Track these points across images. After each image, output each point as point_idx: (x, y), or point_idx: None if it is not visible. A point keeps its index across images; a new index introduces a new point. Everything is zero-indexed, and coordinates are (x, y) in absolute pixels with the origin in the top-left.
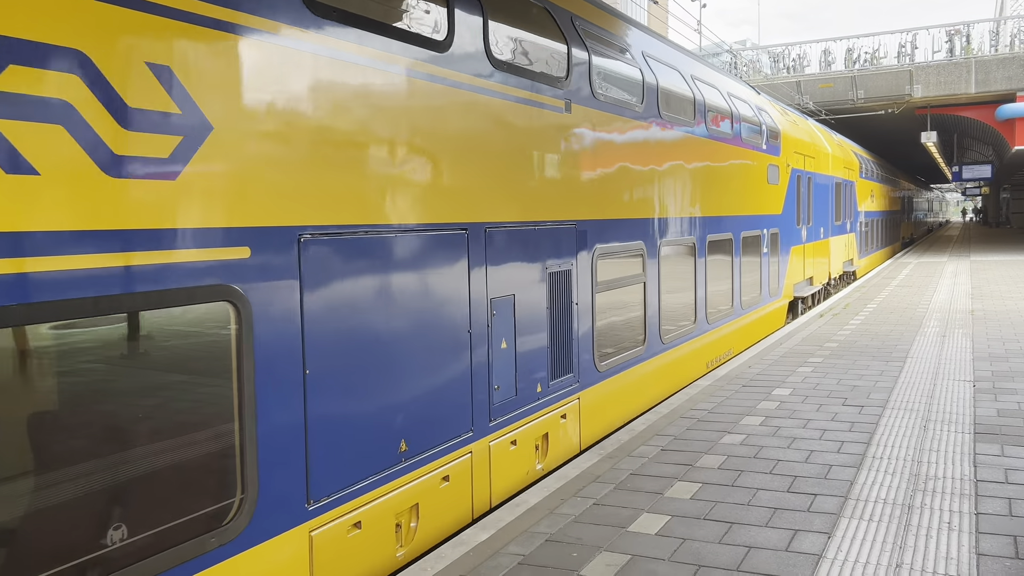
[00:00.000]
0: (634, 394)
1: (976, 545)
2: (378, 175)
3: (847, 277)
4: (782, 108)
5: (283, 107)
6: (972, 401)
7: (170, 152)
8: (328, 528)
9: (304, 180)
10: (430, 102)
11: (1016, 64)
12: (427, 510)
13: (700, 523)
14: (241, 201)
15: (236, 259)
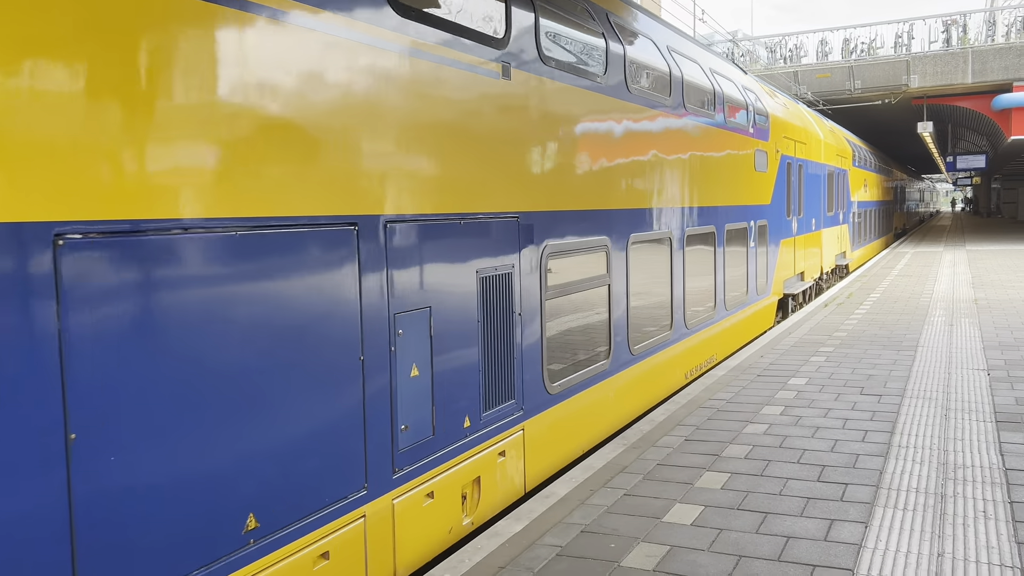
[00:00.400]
0: (597, 417)
1: (1015, 533)
2: (208, 153)
3: (839, 271)
4: (772, 90)
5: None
6: (989, 390)
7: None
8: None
9: (56, 160)
10: (286, 53)
11: (1013, 54)
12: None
13: (735, 513)
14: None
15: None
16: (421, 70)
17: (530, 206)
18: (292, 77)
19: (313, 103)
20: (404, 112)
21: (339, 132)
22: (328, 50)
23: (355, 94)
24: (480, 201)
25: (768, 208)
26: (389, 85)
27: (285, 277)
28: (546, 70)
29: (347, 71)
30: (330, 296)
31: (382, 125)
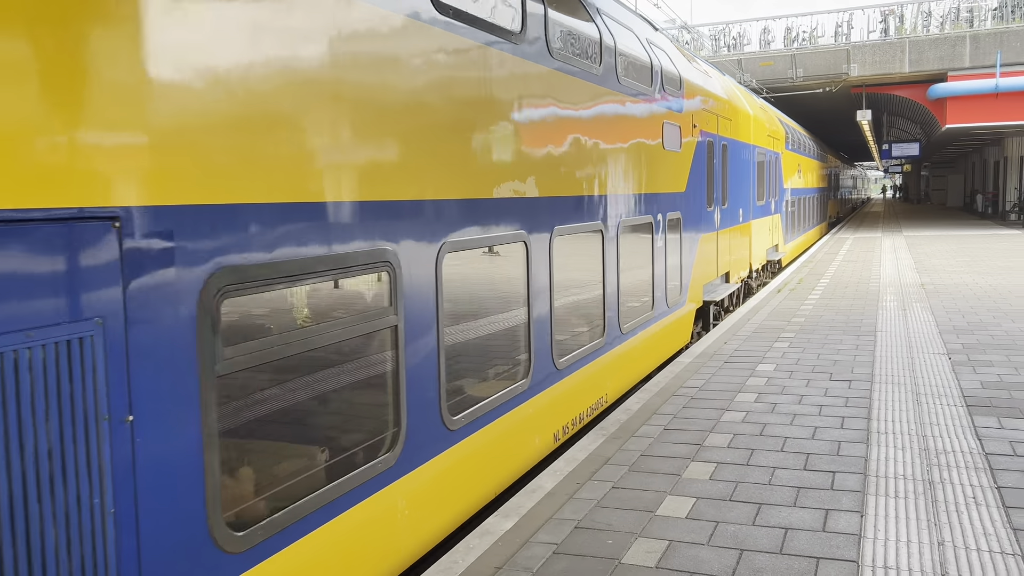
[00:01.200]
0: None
1: (1008, 520)
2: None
3: (771, 267)
4: (690, 54)
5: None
6: (954, 374)
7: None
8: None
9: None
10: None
11: (947, 44)
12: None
13: (728, 505)
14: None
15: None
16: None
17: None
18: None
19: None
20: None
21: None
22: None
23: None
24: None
25: (683, 197)
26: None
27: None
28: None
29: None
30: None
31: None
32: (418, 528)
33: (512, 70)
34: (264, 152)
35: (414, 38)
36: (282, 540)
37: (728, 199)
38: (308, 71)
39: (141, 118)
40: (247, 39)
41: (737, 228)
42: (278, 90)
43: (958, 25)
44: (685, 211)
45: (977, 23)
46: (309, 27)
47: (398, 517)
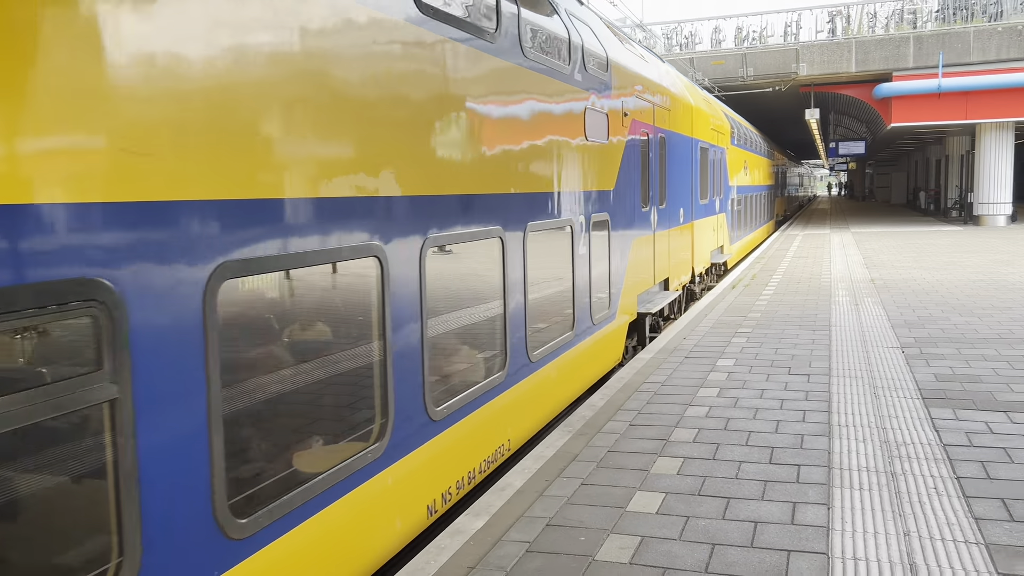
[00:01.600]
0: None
1: (970, 509)
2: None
3: (716, 270)
4: (623, 35)
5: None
6: (908, 367)
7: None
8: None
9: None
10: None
11: (892, 45)
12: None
13: (697, 499)
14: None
15: None
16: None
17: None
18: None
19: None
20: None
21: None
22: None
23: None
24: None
25: (612, 196)
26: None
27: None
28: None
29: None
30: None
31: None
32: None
33: (419, 55)
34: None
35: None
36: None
37: (667, 198)
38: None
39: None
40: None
41: (677, 229)
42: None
43: (902, 26)
44: (614, 212)
45: (920, 25)
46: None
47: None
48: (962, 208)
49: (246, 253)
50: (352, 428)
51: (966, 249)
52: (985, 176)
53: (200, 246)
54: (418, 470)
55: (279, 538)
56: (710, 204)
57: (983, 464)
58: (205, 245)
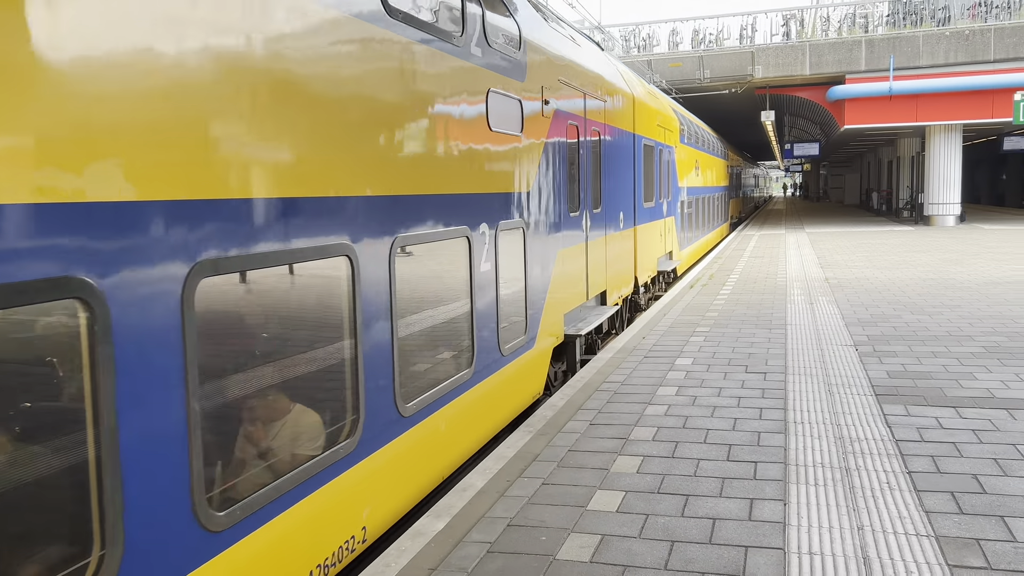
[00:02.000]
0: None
1: (921, 503)
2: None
3: (665, 278)
4: (552, 14)
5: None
6: (861, 365)
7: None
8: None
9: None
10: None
11: (845, 48)
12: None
13: (656, 497)
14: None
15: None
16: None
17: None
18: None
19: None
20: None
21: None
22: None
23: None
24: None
25: (528, 199)
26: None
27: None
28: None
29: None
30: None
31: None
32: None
33: (263, 21)
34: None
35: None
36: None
37: (603, 200)
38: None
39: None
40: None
41: (617, 236)
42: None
43: (854, 30)
44: (533, 218)
45: (871, 29)
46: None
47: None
48: (913, 208)
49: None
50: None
51: (917, 249)
52: (935, 177)
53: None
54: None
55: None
56: (656, 207)
57: (933, 458)
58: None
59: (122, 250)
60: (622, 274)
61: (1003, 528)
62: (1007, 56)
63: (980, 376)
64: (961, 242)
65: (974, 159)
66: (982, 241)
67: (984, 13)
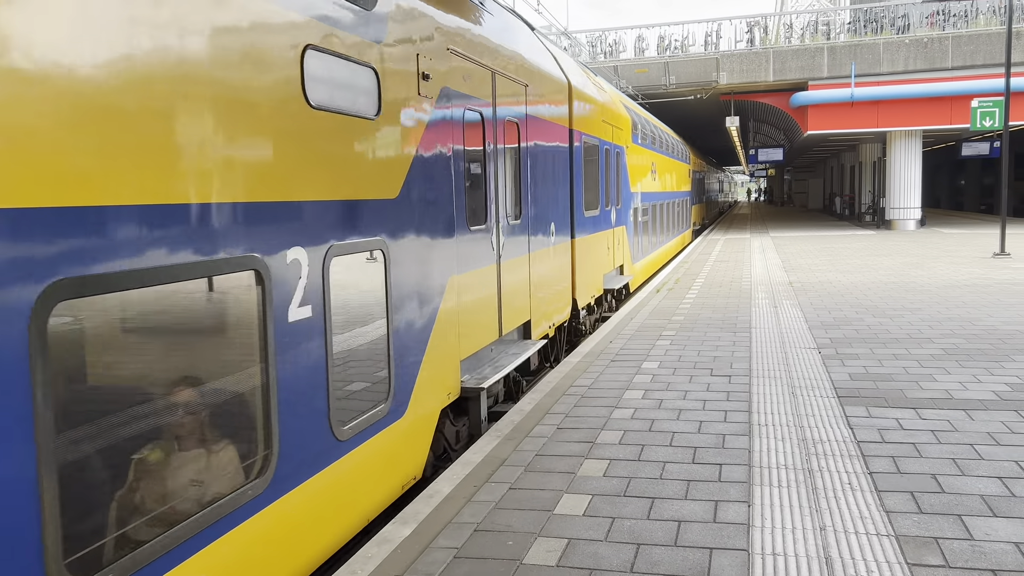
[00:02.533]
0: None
1: (881, 503)
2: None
3: (613, 296)
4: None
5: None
6: (824, 367)
7: None
8: None
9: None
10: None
11: (807, 55)
12: None
13: (623, 500)
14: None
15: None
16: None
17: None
18: None
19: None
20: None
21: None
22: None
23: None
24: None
25: (393, 210)
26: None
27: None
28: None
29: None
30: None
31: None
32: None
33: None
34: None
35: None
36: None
37: (524, 209)
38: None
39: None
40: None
41: (545, 253)
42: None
43: (816, 37)
44: (400, 236)
45: (833, 36)
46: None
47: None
48: (875, 213)
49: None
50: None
51: (879, 252)
52: (896, 182)
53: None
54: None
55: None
56: (602, 216)
57: (894, 459)
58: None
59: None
60: (553, 298)
61: (961, 527)
62: (964, 64)
63: (939, 378)
64: (921, 246)
65: (934, 164)
66: (942, 245)
67: (942, 22)
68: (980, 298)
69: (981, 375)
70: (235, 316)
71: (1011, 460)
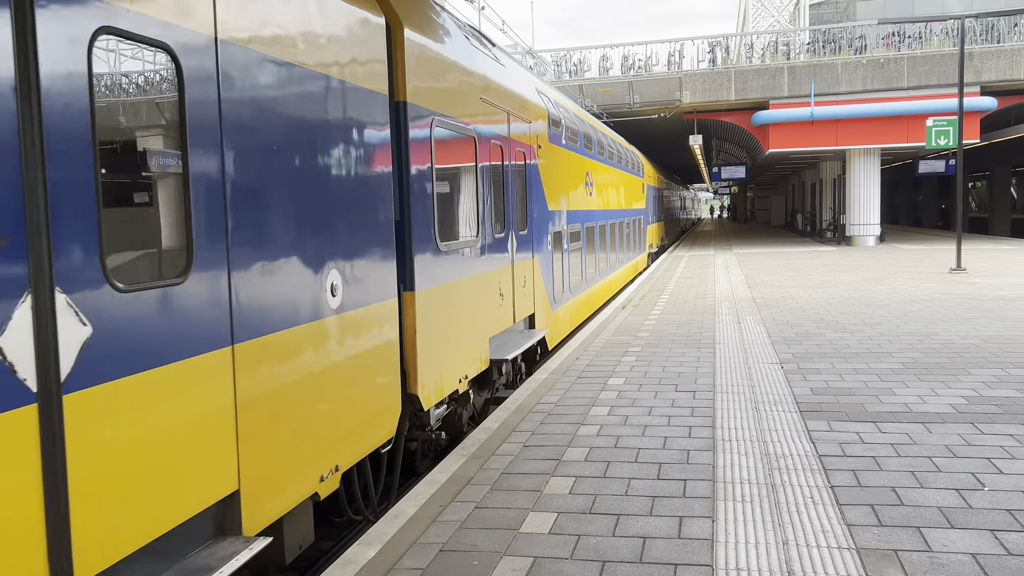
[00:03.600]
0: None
1: (843, 516)
2: None
3: (516, 363)
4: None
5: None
6: (787, 382)
7: None
8: None
9: None
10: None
11: (768, 75)
12: None
13: (588, 518)
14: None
15: None
16: None
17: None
18: None
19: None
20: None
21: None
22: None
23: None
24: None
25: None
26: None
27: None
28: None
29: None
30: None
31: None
32: None
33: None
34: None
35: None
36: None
37: (255, 250)
38: None
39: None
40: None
41: (363, 316)
42: None
43: (777, 58)
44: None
45: (793, 56)
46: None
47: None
48: (835, 229)
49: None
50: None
51: (839, 268)
52: (855, 199)
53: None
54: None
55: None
56: (497, 242)
57: (855, 472)
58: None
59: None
60: (371, 395)
61: (919, 539)
62: (919, 84)
63: (899, 391)
64: (881, 261)
65: (892, 181)
66: (900, 260)
67: (898, 43)
68: (937, 312)
69: (939, 388)
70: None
71: (967, 472)
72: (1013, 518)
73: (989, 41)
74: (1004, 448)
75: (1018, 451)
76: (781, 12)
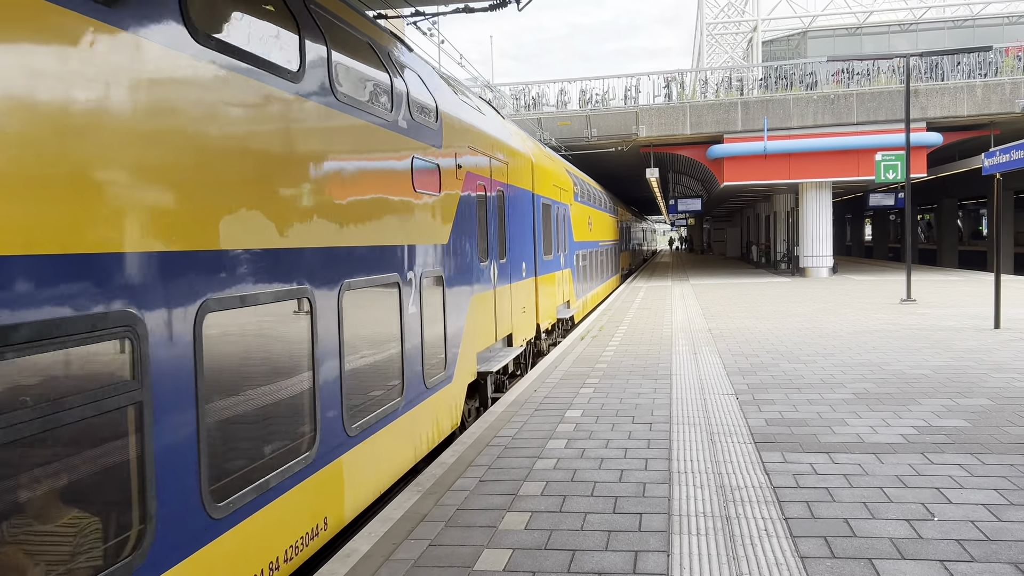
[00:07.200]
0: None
1: (796, 548)
2: None
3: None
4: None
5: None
6: (742, 413)
7: None
8: None
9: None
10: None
11: (722, 109)
12: None
13: (544, 554)
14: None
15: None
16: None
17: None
18: None
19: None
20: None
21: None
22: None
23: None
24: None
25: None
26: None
27: None
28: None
29: None
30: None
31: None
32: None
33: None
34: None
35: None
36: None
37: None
38: None
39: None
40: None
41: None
42: None
43: (731, 92)
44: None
45: (747, 92)
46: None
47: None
48: (789, 261)
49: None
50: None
51: (793, 299)
52: (808, 231)
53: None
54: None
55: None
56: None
57: (808, 504)
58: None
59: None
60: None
61: (872, 570)
62: (868, 119)
63: (851, 422)
64: (834, 292)
65: (844, 214)
66: (852, 291)
67: (847, 79)
68: (888, 343)
69: (890, 419)
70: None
71: (917, 502)
72: (963, 548)
73: (934, 79)
74: (953, 478)
75: (967, 481)
76: (735, 48)
